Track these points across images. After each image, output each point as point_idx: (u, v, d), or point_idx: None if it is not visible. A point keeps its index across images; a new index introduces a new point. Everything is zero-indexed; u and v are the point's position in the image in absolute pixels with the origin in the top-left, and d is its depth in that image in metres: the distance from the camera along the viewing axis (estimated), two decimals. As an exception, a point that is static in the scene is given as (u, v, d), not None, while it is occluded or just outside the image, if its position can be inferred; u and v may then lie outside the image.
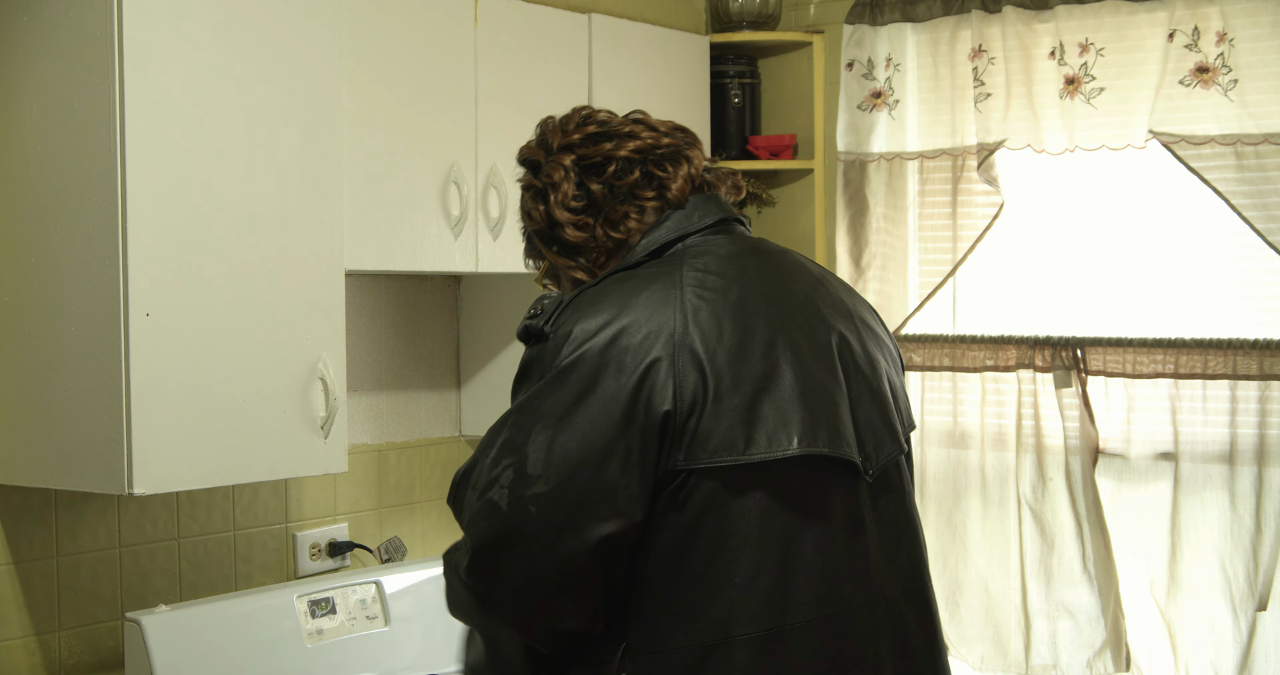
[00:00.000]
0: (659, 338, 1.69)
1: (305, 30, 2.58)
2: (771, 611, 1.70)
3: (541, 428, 1.68)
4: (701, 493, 1.69)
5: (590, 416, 1.66)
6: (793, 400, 1.72)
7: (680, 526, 1.69)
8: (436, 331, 3.37)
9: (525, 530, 1.67)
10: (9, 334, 2.46)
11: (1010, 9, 3.40)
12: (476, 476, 1.72)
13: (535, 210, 1.89)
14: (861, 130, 3.65)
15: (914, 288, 3.64)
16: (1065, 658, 3.41)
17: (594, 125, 1.89)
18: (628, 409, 1.66)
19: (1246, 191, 3.16)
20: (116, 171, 2.31)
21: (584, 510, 1.66)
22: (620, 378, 1.67)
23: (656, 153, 1.86)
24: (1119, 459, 3.36)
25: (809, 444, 1.72)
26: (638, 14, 3.60)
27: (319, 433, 2.61)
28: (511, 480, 1.68)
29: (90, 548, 2.70)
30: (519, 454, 1.68)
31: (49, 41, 2.39)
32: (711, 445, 1.68)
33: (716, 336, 1.71)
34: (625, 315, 1.70)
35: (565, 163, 1.86)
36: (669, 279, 1.75)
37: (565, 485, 1.66)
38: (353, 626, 2.87)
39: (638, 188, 1.85)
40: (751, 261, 1.82)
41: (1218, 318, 3.28)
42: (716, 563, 1.69)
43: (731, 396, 1.69)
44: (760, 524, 1.70)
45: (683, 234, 1.84)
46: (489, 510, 1.69)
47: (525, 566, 1.69)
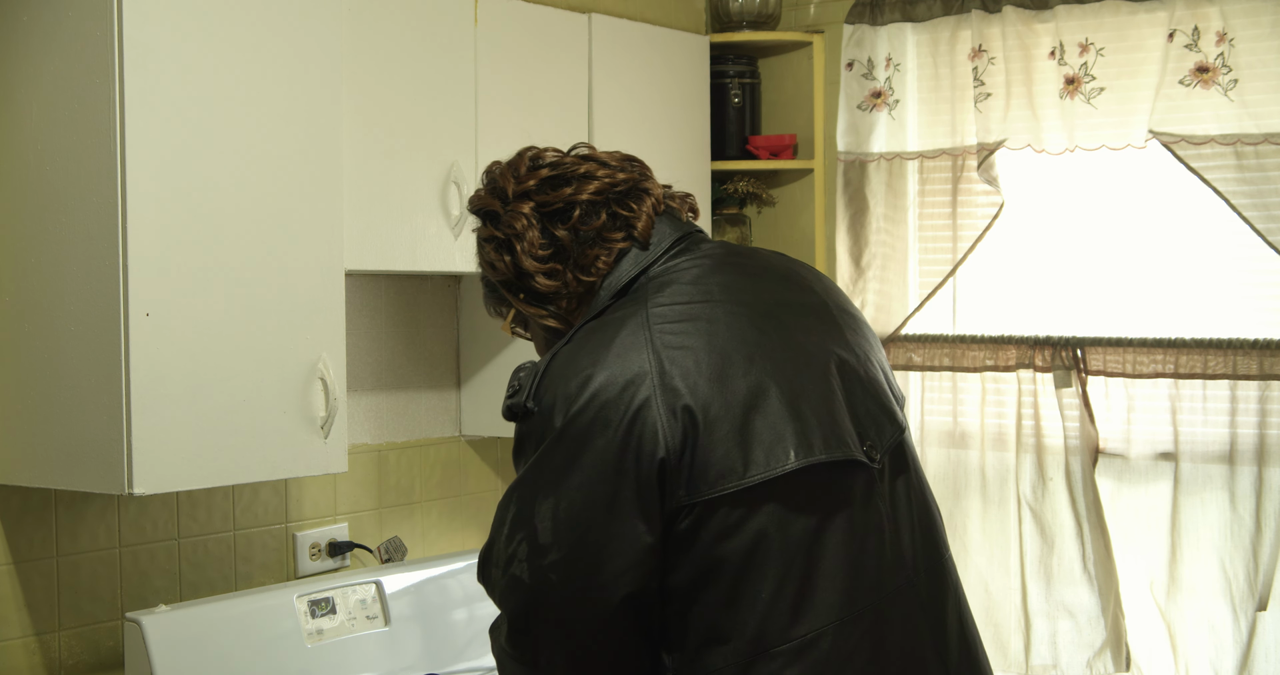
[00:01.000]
0: (639, 384, 1.69)
1: (305, 30, 2.58)
2: (803, 619, 1.72)
3: (544, 497, 1.71)
4: (714, 521, 1.70)
5: (586, 477, 1.68)
6: (782, 413, 1.73)
7: (700, 557, 1.71)
8: (436, 331, 3.37)
9: (552, 598, 1.71)
10: (9, 334, 2.46)
11: (1010, 9, 3.40)
12: (496, 554, 1.76)
13: (500, 262, 1.86)
14: (861, 130, 3.65)
15: (914, 288, 3.64)
16: (1065, 658, 3.41)
17: (546, 168, 1.87)
18: (620, 462, 1.68)
19: (1246, 191, 3.16)
20: (116, 171, 2.31)
21: (602, 567, 1.70)
22: (608, 432, 1.68)
23: (616, 191, 1.85)
24: (1119, 459, 3.36)
25: (806, 454, 1.72)
26: (638, 14, 3.60)
27: (319, 433, 2.61)
28: (528, 553, 1.71)
29: (90, 548, 2.70)
30: (528, 526, 1.72)
31: (49, 41, 2.39)
32: (711, 475, 1.69)
33: (695, 368, 1.71)
34: (601, 370, 1.70)
35: (525, 210, 1.84)
36: (635, 321, 1.75)
37: (578, 548, 1.69)
38: (353, 626, 2.87)
39: (605, 230, 1.83)
40: (716, 279, 1.81)
41: (1218, 318, 3.28)
42: (742, 585, 1.71)
43: (722, 422, 1.70)
44: (777, 539, 1.72)
45: (644, 266, 1.82)
46: (514, 585, 1.73)
47: (562, 631, 1.73)
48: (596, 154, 1.90)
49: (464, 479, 3.43)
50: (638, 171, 1.89)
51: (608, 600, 1.71)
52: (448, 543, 3.37)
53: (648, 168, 1.91)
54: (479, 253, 1.91)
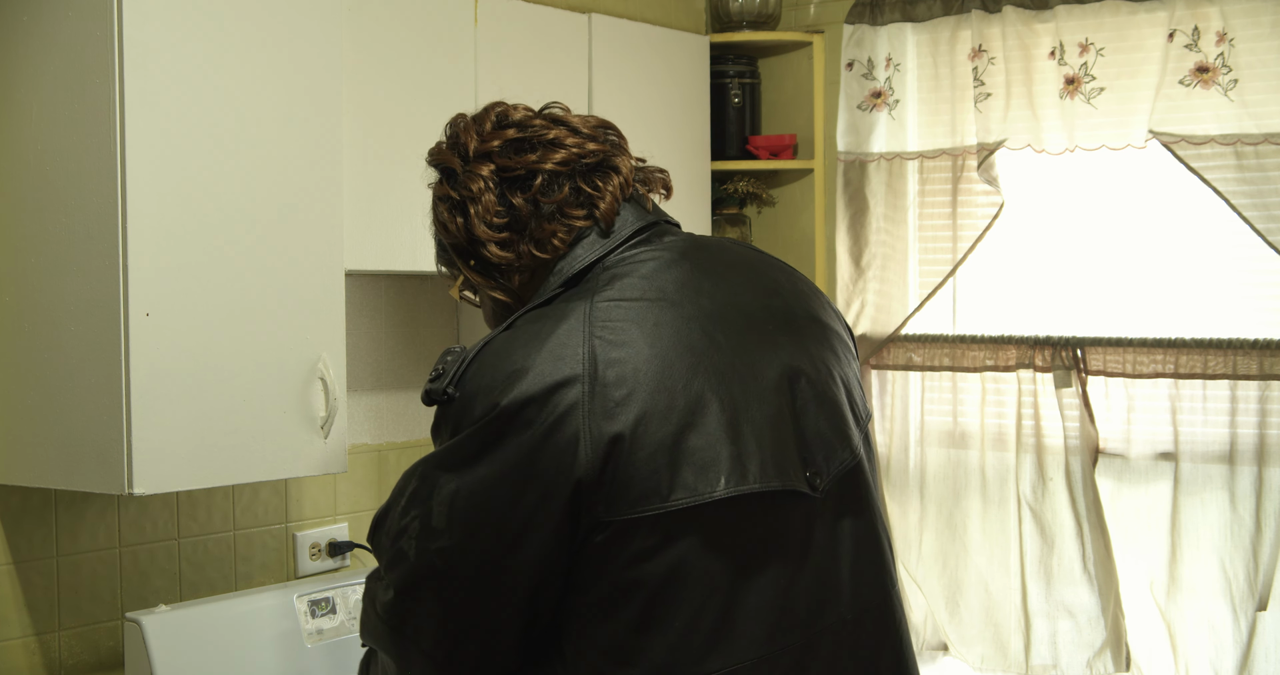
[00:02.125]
0: (568, 388, 1.57)
1: (305, 30, 2.58)
2: (718, 654, 1.61)
3: (446, 481, 1.61)
4: (631, 543, 1.58)
5: (493, 473, 1.58)
6: (720, 433, 1.60)
7: (612, 577, 1.60)
8: (436, 331, 3.37)
9: (432, 582, 1.64)
10: (9, 334, 2.46)
11: (1010, 9, 3.40)
12: (389, 523, 1.69)
13: (452, 223, 1.74)
14: (861, 130, 3.65)
15: (914, 288, 3.64)
16: (1065, 658, 3.41)
17: (513, 128, 1.75)
18: (531, 466, 1.57)
19: (1246, 191, 3.16)
20: (116, 171, 2.31)
21: (489, 566, 1.60)
22: (526, 433, 1.57)
23: (584, 163, 1.73)
24: (1119, 459, 3.36)
25: (737, 482, 1.60)
26: (638, 14, 3.60)
27: (319, 433, 2.61)
28: (418, 532, 1.63)
29: (90, 548, 2.70)
30: (424, 505, 1.63)
31: (49, 41, 2.39)
32: (632, 495, 1.57)
33: (632, 374, 1.59)
34: (531, 367, 1.58)
35: (483, 173, 1.72)
36: (577, 317, 1.62)
37: (468, 540, 1.60)
38: (353, 626, 2.87)
39: (566, 205, 1.71)
40: (674, 275, 1.69)
41: (1218, 318, 3.28)
42: (655, 609, 1.60)
43: (652, 438, 1.57)
44: (697, 568, 1.60)
45: (601, 254, 1.70)
46: (399, 558, 1.66)
47: (438, 612, 1.64)
48: (569, 118, 1.77)
49: (464, 479, 3.42)
50: (610, 143, 1.77)
51: (488, 596, 1.62)
52: (448, 543, 3.37)
53: (623, 138, 1.80)
54: (433, 210, 1.79)
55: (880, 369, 3.65)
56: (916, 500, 3.62)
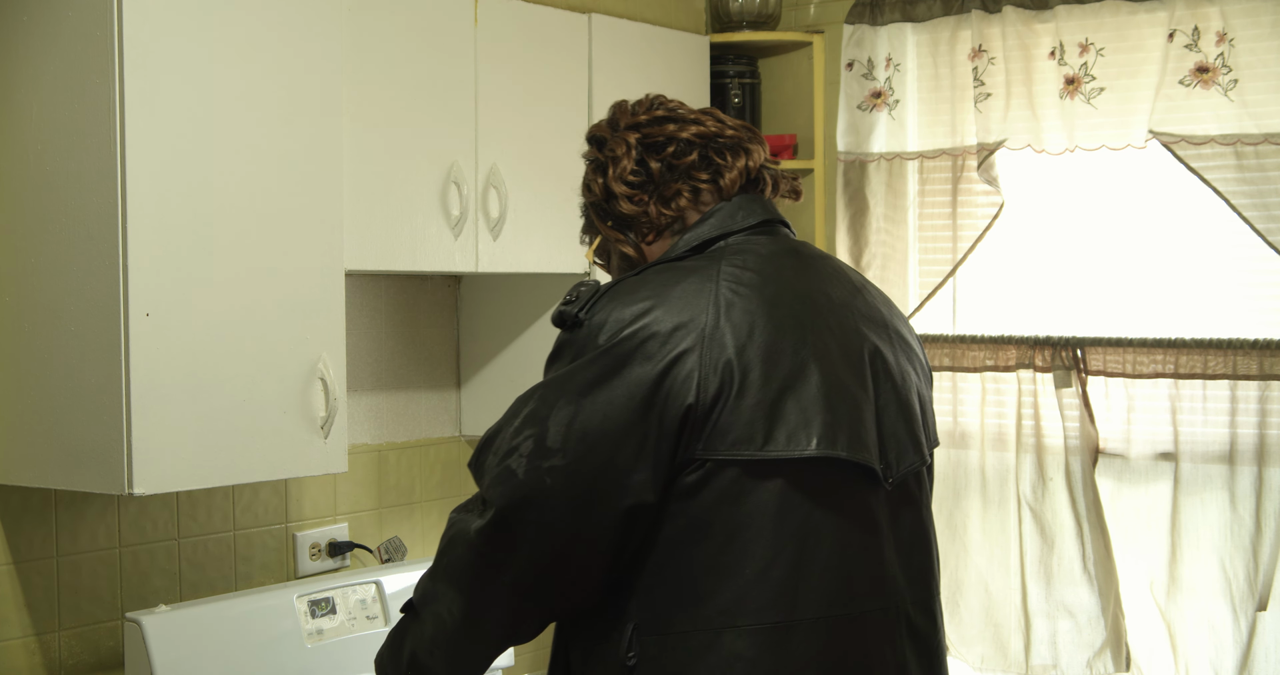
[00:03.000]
0: (690, 330, 1.72)
1: (305, 30, 2.58)
2: (781, 605, 1.72)
3: (565, 403, 1.72)
4: (718, 482, 1.72)
5: (612, 398, 1.70)
6: (817, 401, 1.74)
7: (695, 513, 1.72)
8: (436, 331, 3.37)
9: (539, 500, 1.72)
10: (9, 334, 2.46)
11: (1010, 9, 3.40)
12: (499, 442, 1.77)
13: (594, 183, 1.94)
14: (861, 130, 3.65)
15: (914, 288, 3.64)
16: (1065, 658, 3.41)
17: (662, 109, 1.95)
18: (649, 396, 1.70)
19: (1246, 191, 3.16)
20: (116, 171, 2.31)
21: (596, 489, 1.71)
22: (647, 365, 1.70)
23: (718, 141, 1.91)
24: (1119, 459, 3.36)
25: (827, 446, 1.74)
26: (638, 14, 3.60)
27: (319, 433, 2.61)
28: (531, 450, 1.72)
29: (90, 548, 2.70)
30: (541, 425, 1.73)
31: (49, 41, 2.39)
32: (730, 438, 1.70)
33: (747, 332, 1.73)
34: (659, 306, 1.73)
35: (629, 139, 1.92)
36: (706, 272, 1.78)
37: (581, 462, 1.71)
38: (353, 626, 2.87)
39: (694, 169, 1.89)
40: (790, 262, 1.85)
41: (1218, 318, 3.28)
42: (729, 552, 1.72)
43: (756, 392, 1.71)
44: (776, 517, 1.73)
45: (725, 232, 1.87)
46: (506, 476, 1.74)
47: (535, 535, 1.73)
48: (718, 112, 1.97)
49: (464, 479, 3.43)
50: (747, 134, 1.95)
51: (590, 521, 1.71)
52: (448, 543, 3.37)
53: (763, 140, 1.97)
54: (584, 178, 1.99)
55: (880, 369, 3.65)
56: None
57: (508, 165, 3.04)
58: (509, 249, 3.04)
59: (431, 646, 1.85)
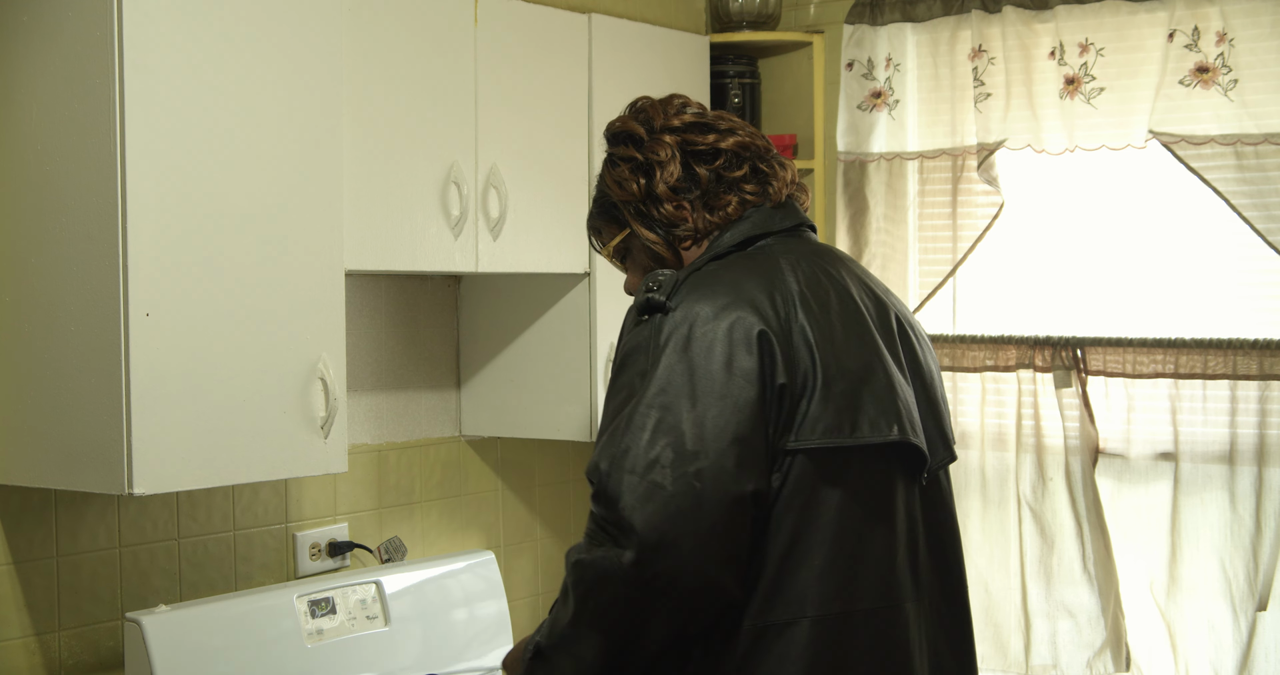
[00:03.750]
0: (775, 322, 1.77)
1: (305, 30, 2.58)
2: (843, 596, 1.78)
3: (690, 405, 1.73)
4: (795, 476, 1.76)
5: (733, 391, 1.73)
6: (886, 395, 1.83)
7: (775, 503, 1.77)
8: (436, 331, 3.37)
9: (692, 505, 1.71)
10: (9, 334, 2.46)
11: (1010, 9, 3.40)
12: (633, 460, 1.73)
13: (633, 183, 1.95)
14: (861, 130, 3.65)
15: (914, 288, 3.64)
16: (1065, 658, 3.41)
17: (691, 115, 1.99)
18: (760, 384, 1.74)
19: (1246, 191, 3.15)
20: (116, 171, 2.31)
21: (738, 478, 1.72)
22: (750, 356, 1.74)
23: (757, 149, 1.98)
24: (1119, 459, 3.36)
25: (905, 434, 1.82)
26: (638, 14, 3.60)
27: (319, 433, 2.61)
28: (672, 459, 1.72)
29: (90, 548, 2.70)
30: (675, 432, 1.73)
31: (49, 41, 2.39)
32: (821, 427, 1.77)
33: (824, 326, 1.81)
34: (742, 298, 1.78)
35: (669, 142, 1.95)
36: (773, 267, 1.85)
37: (723, 456, 1.72)
38: (353, 626, 2.87)
39: (744, 181, 1.95)
40: (828, 263, 1.92)
41: (1218, 318, 3.28)
42: (799, 544, 1.77)
43: (838, 383, 1.79)
44: (839, 512, 1.78)
45: (764, 232, 1.93)
46: (653, 492, 1.71)
47: (695, 541, 1.71)
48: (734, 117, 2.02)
49: (464, 479, 3.43)
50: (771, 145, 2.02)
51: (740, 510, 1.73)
52: (448, 543, 3.37)
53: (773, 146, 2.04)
54: (608, 173, 2.00)
55: (880, 369, 3.65)
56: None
57: (508, 165, 3.04)
58: (509, 249, 3.04)
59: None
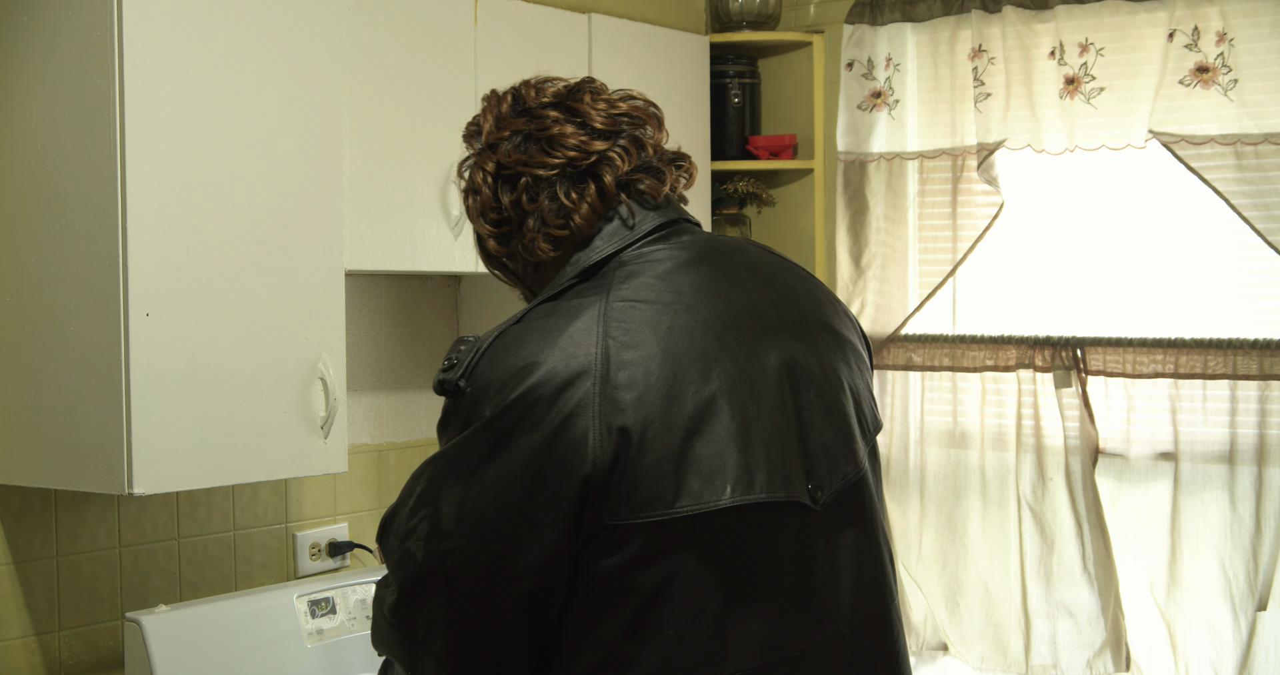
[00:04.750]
0: (579, 386, 1.56)
1: (305, 30, 2.58)
2: (711, 662, 1.60)
3: (454, 482, 1.60)
4: (632, 546, 1.57)
5: (502, 474, 1.57)
6: (729, 440, 1.59)
7: (611, 577, 1.59)
8: (436, 331, 3.37)
9: (441, 583, 1.62)
10: (9, 334, 2.46)
11: (1010, 9, 3.40)
12: (397, 525, 1.66)
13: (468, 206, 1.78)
14: (861, 130, 3.65)
15: (914, 288, 3.64)
16: (1065, 658, 3.41)
17: (524, 117, 1.77)
18: (541, 467, 1.56)
19: (1246, 191, 3.16)
20: (116, 171, 2.31)
21: (499, 567, 1.59)
22: (534, 434, 1.55)
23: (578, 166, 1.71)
24: (1119, 459, 3.36)
25: (744, 491, 1.59)
26: (638, 14, 3.60)
27: (319, 433, 2.61)
28: (427, 533, 1.62)
29: (90, 548, 2.70)
30: (432, 507, 1.62)
31: (49, 41, 2.39)
32: (638, 500, 1.56)
33: (644, 377, 1.57)
34: (543, 364, 1.57)
35: (487, 167, 1.74)
36: (591, 314, 1.61)
37: (478, 541, 1.59)
38: (353, 626, 2.87)
39: (547, 214, 1.70)
40: (690, 276, 1.67)
41: (1218, 318, 3.28)
42: (651, 613, 1.59)
43: (660, 443, 1.56)
44: (696, 574, 1.59)
45: (620, 247, 1.69)
46: (407, 560, 1.64)
47: (446, 616, 1.63)
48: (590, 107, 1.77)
49: (464, 479, 3.42)
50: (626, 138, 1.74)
51: (497, 600, 1.60)
52: (448, 543, 3.37)
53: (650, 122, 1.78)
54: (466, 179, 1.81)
55: (880, 369, 3.65)
56: (916, 500, 3.62)
57: (508, 165, 3.04)
58: (509, 249, 3.04)
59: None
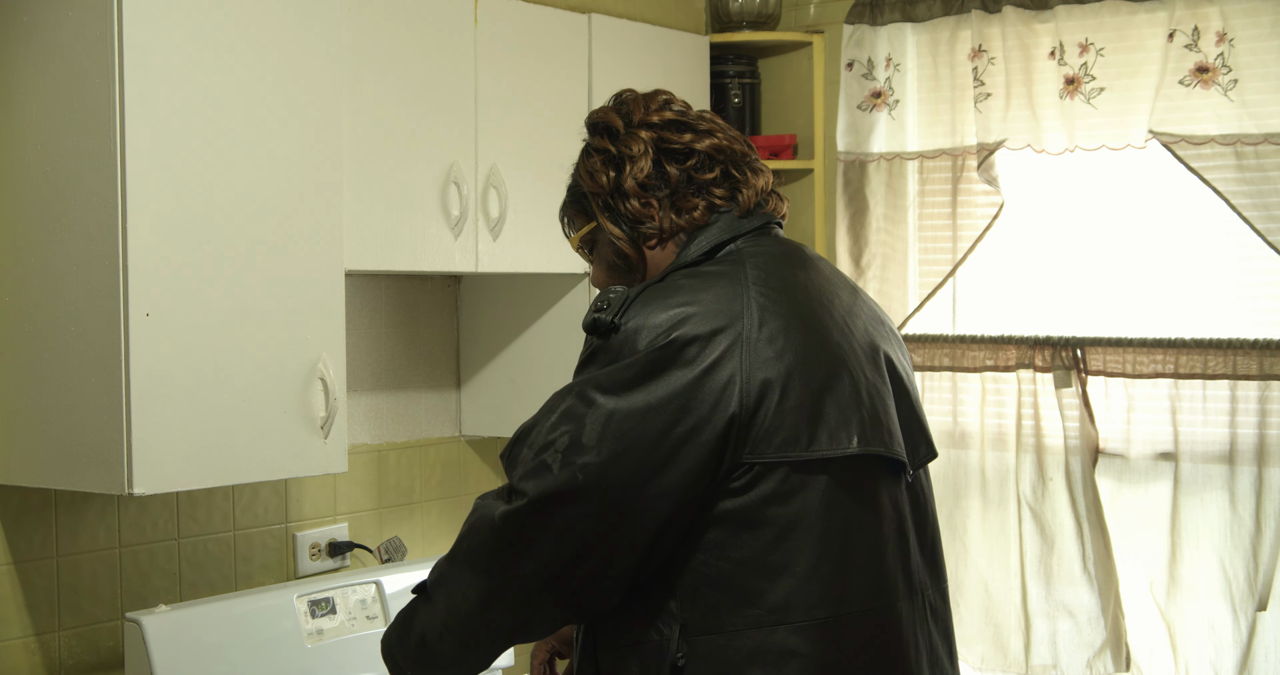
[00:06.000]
0: (728, 335, 1.73)
1: (305, 30, 2.58)
2: (830, 600, 1.76)
3: (602, 402, 1.72)
4: (766, 484, 1.74)
5: (651, 401, 1.71)
6: (852, 401, 1.79)
7: (744, 514, 1.74)
8: (436, 331, 3.37)
9: (571, 496, 1.72)
10: (9, 334, 2.46)
11: (1010, 9, 3.40)
12: (535, 436, 1.77)
13: (603, 175, 1.92)
14: (861, 130, 3.65)
15: (914, 288, 3.64)
16: (1065, 658, 3.41)
17: (672, 112, 1.94)
18: (687, 401, 1.71)
19: (1246, 191, 3.16)
20: (116, 171, 2.31)
21: (628, 487, 1.71)
22: (686, 370, 1.71)
23: (733, 154, 1.92)
24: (1119, 459, 3.36)
25: (867, 443, 1.79)
26: (638, 14, 3.60)
27: (319, 433, 2.61)
28: (566, 446, 1.73)
29: (90, 548, 2.70)
30: (578, 422, 1.73)
31: (49, 41, 2.39)
32: (776, 441, 1.73)
33: (784, 335, 1.76)
34: (695, 312, 1.74)
35: (644, 137, 1.91)
36: (735, 277, 1.80)
37: (615, 461, 1.71)
38: (353, 626, 2.87)
39: (714, 185, 1.90)
40: (798, 265, 1.88)
41: (1218, 318, 3.28)
42: (780, 551, 1.75)
43: (796, 394, 1.74)
44: (822, 515, 1.76)
45: (734, 235, 1.88)
46: (540, 469, 1.74)
47: (564, 528, 1.73)
48: (718, 119, 1.98)
49: (464, 479, 3.43)
50: (752, 150, 1.97)
51: (619, 517, 1.72)
52: (448, 543, 3.37)
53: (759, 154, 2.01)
54: (582, 162, 1.96)
55: (880, 369, 3.65)
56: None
57: (508, 165, 3.04)
58: (509, 249, 3.04)
59: (443, 630, 1.86)
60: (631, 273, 1.94)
